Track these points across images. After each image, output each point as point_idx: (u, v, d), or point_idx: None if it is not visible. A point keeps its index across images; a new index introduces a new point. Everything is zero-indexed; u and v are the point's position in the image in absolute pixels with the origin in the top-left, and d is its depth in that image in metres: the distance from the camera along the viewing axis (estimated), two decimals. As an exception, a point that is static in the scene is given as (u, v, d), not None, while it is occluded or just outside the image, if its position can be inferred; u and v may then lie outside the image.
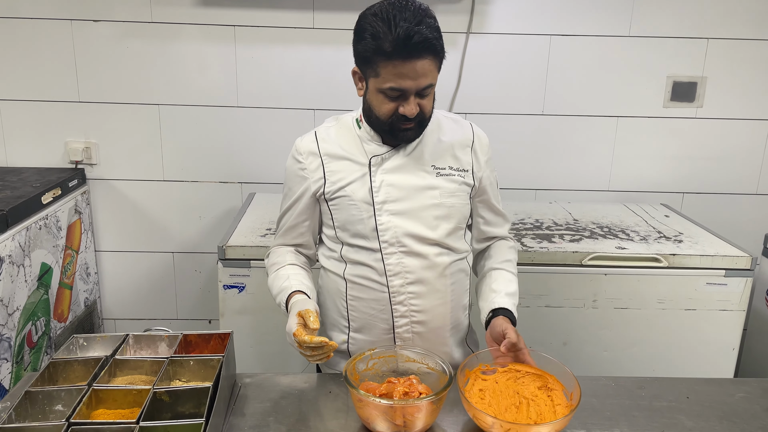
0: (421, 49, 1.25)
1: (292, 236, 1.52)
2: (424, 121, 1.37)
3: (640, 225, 2.35)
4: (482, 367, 1.35)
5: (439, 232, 1.42)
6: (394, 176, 1.41)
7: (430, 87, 1.32)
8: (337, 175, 1.42)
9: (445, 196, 1.42)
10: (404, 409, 1.20)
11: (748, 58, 2.55)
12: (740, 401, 1.42)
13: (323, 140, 1.45)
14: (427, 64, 1.28)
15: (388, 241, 1.41)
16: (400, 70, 1.27)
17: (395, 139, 1.40)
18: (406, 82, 1.28)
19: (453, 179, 1.43)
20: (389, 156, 1.42)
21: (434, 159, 1.43)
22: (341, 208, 1.43)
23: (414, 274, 1.42)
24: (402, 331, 1.45)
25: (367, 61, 1.32)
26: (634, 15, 2.50)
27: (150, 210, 2.66)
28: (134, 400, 1.21)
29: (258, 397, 1.38)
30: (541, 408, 1.25)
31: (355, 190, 1.41)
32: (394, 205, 1.41)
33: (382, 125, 1.37)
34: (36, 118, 2.52)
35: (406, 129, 1.35)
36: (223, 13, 2.45)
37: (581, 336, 2.10)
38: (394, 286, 1.42)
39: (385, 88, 1.30)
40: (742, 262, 2.05)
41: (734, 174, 2.68)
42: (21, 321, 2.08)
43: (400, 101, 1.31)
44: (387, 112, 1.33)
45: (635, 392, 1.43)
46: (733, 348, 2.11)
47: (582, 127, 2.62)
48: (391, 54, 1.25)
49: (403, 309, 1.43)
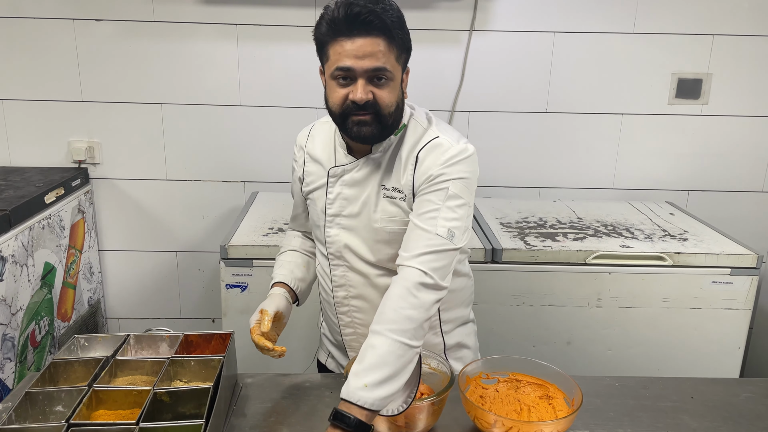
0: (363, 24, 1.17)
1: (297, 224, 1.58)
2: (380, 114, 1.23)
3: (644, 223, 2.33)
4: (483, 375, 1.34)
5: (379, 256, 1.36)
6: (351, 190, 1.35)
7: (383, 72, 1.21)
8: (310, 176, 1.42)
9: (386, 221, 1.32)
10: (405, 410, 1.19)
11: (754, 55, 2.53)
12: (745, 401, 1.41)
13: (312, 137, 1.44)
14: (375, 44, 1.19)
15: (333, 253, 1.40)
16: (344, 48, 1.19)
17: (352, 136, 1.27)
18: (351, 60, 1.19)
19: (394, 202, 1.32)
20: (351, 168, 1.34)
21: (385, 177, 1.32)
22: (311, 209, 1.45)
23: (356, 289, 1.41)
24: (350, 340, 1.47)
25: (320, 48, 1.27)
26: (638, 11, 2.48)
27: (153, 209, 2.66)
28: (134, 401, 1.21)
29: (259, 397, 1.38)
30: (542, 414, 1.24)
31: (318, 197, 1.40)
32: (345, 220, 1.36)
33: (336, 117, 1.28)
34: (39, 117, 2.52)
35: (361, 122, 1.23)
36: (226, 12, 2.44)
37: (585, 335, 2.09)
38: (338, 296, 1.44)
39: (333, 70, 1.22)
40: (748, 261, 2.03)
41: (740, 171, 2.66)
42: (24, 320, 2.08)
43: (350, 86, 1.22)
44: (338, 100, 1.24)
45: (639, 392, 1.42)
46: (739, 347, 2.10)
47: (586, 125, 2.61)
48: (335, 31, 1.20)
49: (348, 320, 1.45)
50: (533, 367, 1.36)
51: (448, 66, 2.53)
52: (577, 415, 1.26)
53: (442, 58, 2.51)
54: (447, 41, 2.49)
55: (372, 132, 1.25)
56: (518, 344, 2.09)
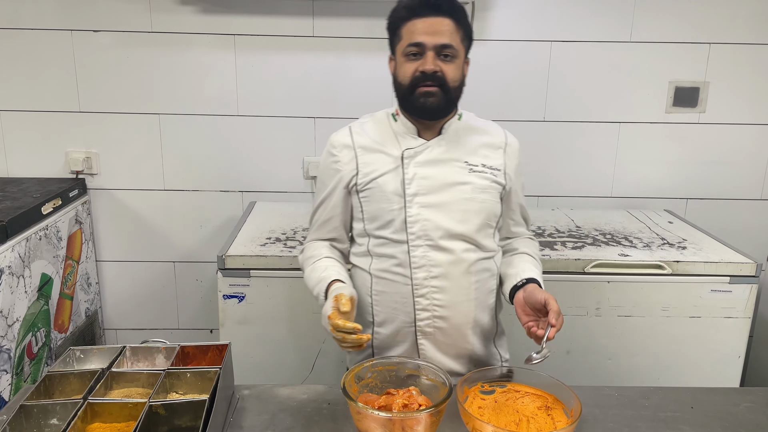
0: (434, 6, 1.35)
1: (326, 230, 1.55)
2: (446, 86, 1.38)
3: (643, 231, 2.33)
4: (481, 386, 1.33)
5: (468, 226, 1.43)
6: (426, 169, 1.43)
7: (450, 49, 1.37)
8: (370, 166, 1.45)
9: (477, 192, 1.44)
10: (403, 422, 1.18)
11: (751, 63, 2.54)
12: (745, 411, 1.40)
13: (357, 134, 1.49)
14: (444, 23, 1.36)
15: (415, 233, 1.42)
16: (417, 27, 1.36)
17: (418, 108, 1.41)
18: (423, 36, 1.36)
19: (485, 176, 1.45)
20: (423, 149, 1.44)
21: (467, 156, 1.46)
22: (372, 200, 1.45)
23: (439, 268, 1.43)
24: (423, 325, 1.45)
25: (393, 31, 1.43)
26: (635, 20, 2.49)
27: (151, 219, 2.65)
28: (130, 414, 1.19)
29: (256, 409, 1.37)
30: (541, 425, 1.23)
31: (386, 181, 1.43)
32: (425, 197, 1.42)
33: (405, 91, 1.41)
34: (36, 128, 2.52)
35: (428, 93, 1.37)
36: (223, 22, 2.45)
37: (584, 344, 2.08)
38: (418, 278, 1.43)
39: (406, 47, 1.38)
40: (747, 269, 2.03)
41: (738, 179, 2.66)
42: (21, 332, 2.07)
43: (420, 60, 1.37)
44: (409, 73, 1.38)
45: (638, 402, 1.41)
46: (739, 356, 2.09)
47: (584, 133, 2.61)
48: (409, 13, 1.37)
49: (426, 302, 1.44)
50: (532, 378, 1.35)
51: (445, 75, 2.53)
52: (577, 426, 1.25)
53: (439, 67, 2.51)
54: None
55: (437, 102, 1.39)
56: (517, 353, 2.08)
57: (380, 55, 2.49)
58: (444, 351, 1.48)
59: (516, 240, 1.60)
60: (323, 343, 2.06)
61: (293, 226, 2.28)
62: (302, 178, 2.62)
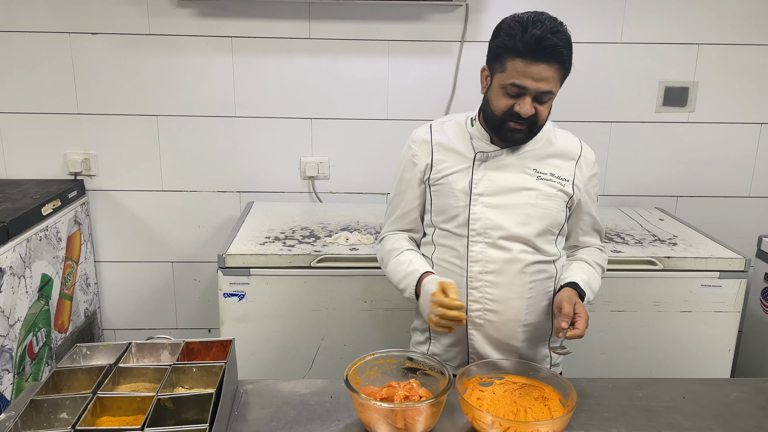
0: (548, 54, 1.35)
1: (404, 222, 1.61)
2: (535, 126, 1.44)
3: (635, 229, 2.37)
4: (480, 378, 1.37)
5: (528, 229, 1.48)
6: (495, 173, 1.49)
7: (550, 95, 1.41)
8: (443, 163, 1.52)
9: (542, 198, 1.49)
10: (405, 412, 1.22)
11: (738, 63, 2.59)
12: (736, 401, 1.44)
13: (436, 132, 1.56)
14: (551, 71, 1.37)
15: (476, 230, 1.49)
16: (525, 69, 1.36)
17: (503, 138, 1.46)
18: (528, 81, 1.37)
19: (552, 185, 1.50)
20: (495, 155, 1.50)
21: (537, 164, 1.50)
22: (441, 194, 1.53)
23: (494, 264, 1.49)
24: (474, 316, 1.51)
25: (497, 57, 1.41)
26: (625, 22, 2.54)
27: (149, 220, 2.68)
28: (138, 407, 1.22)
29: (260, 403, 1.40)
30: (538, 415, 1.27)
31: (456, 179, 1.50)
32: (490, 198, 1.49)
33: (494, 121, 1.45)
34: (35, 130, 2.54)
35: (516, 129, 1.43)
36: (220, 25, 2.48)
37: (578, 339, 2.11)
38: (473, 272, 1.49)
39: (507, 83, 1.39)
40: (736, 264, 2.08)
41: (727, 177, 2.71)
42: (22, 332, 2.09)
43: (518, 100, 1.40)
44: (503, 108, 1.42)
45: (632, 393, 1.45)
46: (729, 349, 2.13)
47: (576, 133, 2.62)
48: (521, 52, 1.35)
49: (478, 295, 1.50)
50: (529, 370, 1.39)
51: (440, 76, 2.57)
52: (573, 416, 1.29)
53: (435, 68, 2.56)
54: (439, 52, 2.54)
55: (523, 139, 1.47)
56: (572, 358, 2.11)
57: (376, 56, 2.53)
58: (493, 344, 1.53)
59: (583, 249, 1.64)
60: (322, 340, 2.10)
61: (291, 226, 2.31)
62: (299, 178, 2.66)
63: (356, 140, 2.62)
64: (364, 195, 2.69)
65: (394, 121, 2.60)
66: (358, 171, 2.66)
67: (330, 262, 2.04)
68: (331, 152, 2.64)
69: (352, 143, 2.62)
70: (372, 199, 2.68)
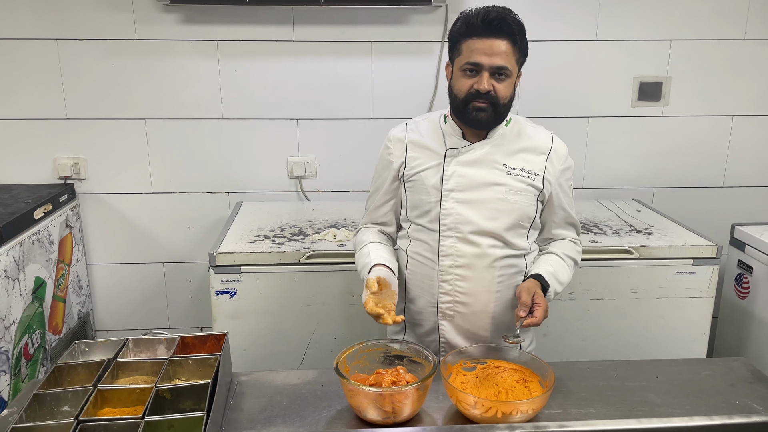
0: (497, 28, 1.43)
1: (377, 215, 1.70)
2: (498, 105, 1.48)
3: (612, 220, 2.45)
4: (464, 363, 1.44)
5: (497, 224, 1.54)
6: (466, 169, 1.55)
7: (505, 70, 1.45)
8: (416, 160, 1.59)
9: (511, 193, 1.54)
10: (392, 396, 1.28)
11: (710, 58, 2.68)
12: (706, 379, 1.52)
13: (411, 131, 1.63)
14: (503, 46, 1.44)
15: (447, 225, 1.55)
16: (476, 46, 1.44)
17: (470, 121, 1.51)
18: (482, 57, 1.44)
19: (521, 179, 1.55)
20: (466, 150, 1.55)
21: (507, 159, 1.56)
22: (414, 190, 1.60)
23: (464, 259, 1.56)
24: (445, 308, 1.59)
25: (454, 44, 1.50)
26: (600, 20, 2.62)
27: (139, 222, 2.72)
28: (138, 399, 1.28)
29: (254, 393, 1.45)
30: (519, 396, 1.34)
31: (428, 175, 1.57)
32: (461, 194, 1.55)
33: (458, 105, 1.51)
34: (25, 135, 2.58)
35: (479, 108, 1.47)
36: (206, 29, 2.53)
37: (560, 327, 2.20)
38: (444, 266, 1.57)
39: (464, 63, 1.46)
40: (709, 251, 2.16)
41: (701, 168, 2.80)
42: (17, 334, 2.13)
43: (476, 78, 1.46)
44: (465, 89, 1.48)
45: (608, 374, 1.53)
46: (704, 333, 2.22)
47: (555, 128, 2.68)
48: (473, 31, 1.45)
49: (449, 288, 1.58)
50: (510, 354, 1.46)
51: (422, 75, 2.63)
52: (552, 397, 1.36)
53: (416, 68, 2.62)
54: (421, 52, 2.60)
55: (487, 117, 1.50)
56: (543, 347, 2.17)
57: (357, 57, 2.59)
58: (462, 334, 1.62)
59: (555, 242, 1.68)
60: (312, 334, 2.16)
61: (280, 224, 2.37)
62: (287, 177, 2.71)
63: (341, 140, 2.68)
64: (350, 193, 2.75)
65: (377, 120, 2.66)
66: (344, 170, 2.72)
67: (318, 259, 2.11)
68: (318, 152, 2.70)
69: (338, 143, 2.68)
70: (358, 197, 2.74)
